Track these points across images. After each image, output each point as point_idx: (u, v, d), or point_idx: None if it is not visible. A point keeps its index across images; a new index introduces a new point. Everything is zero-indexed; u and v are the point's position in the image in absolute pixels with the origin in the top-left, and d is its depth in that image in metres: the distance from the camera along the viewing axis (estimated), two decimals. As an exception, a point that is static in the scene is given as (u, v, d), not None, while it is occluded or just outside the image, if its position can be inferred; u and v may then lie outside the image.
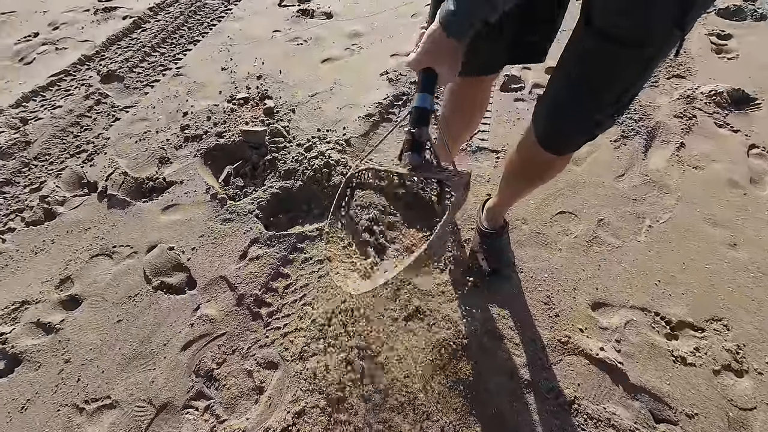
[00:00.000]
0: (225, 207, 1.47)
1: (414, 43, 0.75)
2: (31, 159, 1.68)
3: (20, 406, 1.10)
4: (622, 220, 1.41)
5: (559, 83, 0.81)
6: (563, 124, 0.84)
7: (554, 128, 0.86)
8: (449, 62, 0.73)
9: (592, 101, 0.77)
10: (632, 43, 0.67)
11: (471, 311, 1.20)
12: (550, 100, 0.84)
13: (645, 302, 1.21)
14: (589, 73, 0.74)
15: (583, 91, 0.76)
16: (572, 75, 0.78)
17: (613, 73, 0.72)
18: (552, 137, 0.87)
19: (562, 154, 0.89)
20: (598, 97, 0.76)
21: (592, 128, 0.82)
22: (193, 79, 2.02)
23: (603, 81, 0.74)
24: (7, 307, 1.27)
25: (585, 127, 0.82)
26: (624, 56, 0.69)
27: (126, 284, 1.31)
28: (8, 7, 2.62)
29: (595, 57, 0.72)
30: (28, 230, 1.46)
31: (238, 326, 1.20)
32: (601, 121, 0.81)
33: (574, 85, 0.78)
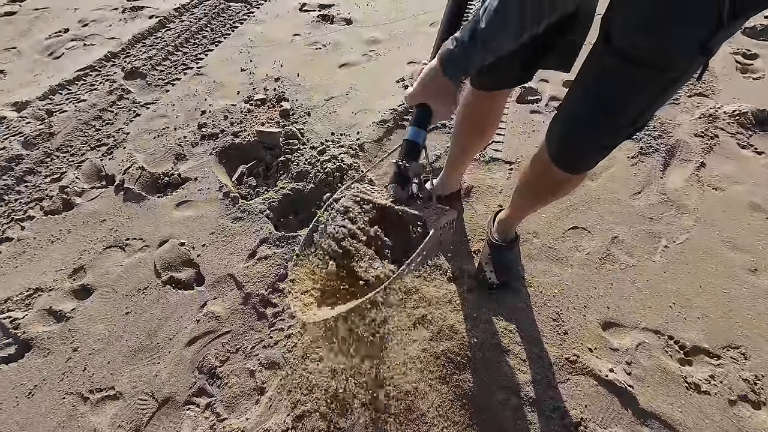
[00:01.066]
0: (237, 206, 1.49)
1: (415, 77, 0.76)
2: (54, 150, 1.73)
3: (28, 391, 1.11)
4: (636, 238, 1.38)
5: (575, 101, 0.80)
6: (578, 143, 0.82)
7: (568, 147, 0.84)
8: (445, 100, 0.74)
9: (608, 122, 0.75)
10: (652, 64, 0.64)
11: (477, 323, 1.18)
12: (566, 118, 0.82)
13: (658, 325, 1.18)
14: (605, 92, 0.72)
15: (599, 111, 0.74)
16: (589, 93, 0.76)
17: (631, 94, 0.70)
18: (566, 156, 0.85)
19: (576, 173, 0.88)
20: (615, 118, 0.74)
21: (607, 148, 0.80)
22: (212, 79, 2.06)
23: (620, 102, 0.72)
24: (21, 293, 1.30)
25: (600, 147, 0.80)
26: (642, 78, 0.67)
27: (136, 277, 1.33)
28: (42, 3, 2.72)
29: (612, 76, 0.70)
30: (47, 219, 1.50)
31: (243, 325, 1.21)
32: (617, 141, 0.79)
33: (590, 104, 0.76)
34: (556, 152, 0.86)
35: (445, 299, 1.24)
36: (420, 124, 0.76)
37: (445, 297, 1.24)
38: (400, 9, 2.53)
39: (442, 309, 1.21)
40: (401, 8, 2.53)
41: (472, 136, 1.17)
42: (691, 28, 0.58)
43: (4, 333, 1.21)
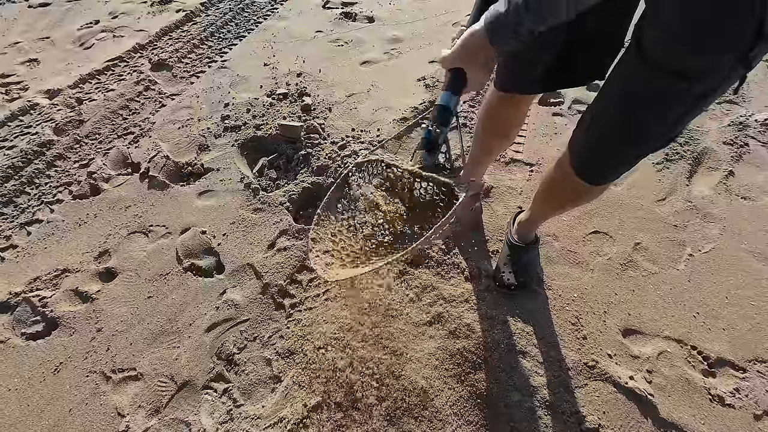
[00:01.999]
0: (257, 197, 1.51)
1: (452, 40, 0.72)
2: (83, 137, 1.79)
3: (54, 367, 1.15)
4: (660, 246, 1.35)
5: (601, 111, 0.76)
6: (601, 156, 0.79)
7: (591, 159, 0.81)
8: (482, 68, 0.69)
9: (636, 134, 0.71)
10: (686, 77, 0.60)
11: (494, 323, 1.17)
12: (590, 129, 0.78)
13: (681, 334, 1.15)
14: (635, 104, 0.68)
15: (627, 123, 0.71)
16: (616, 104, 0.72)
17: (662, 106, 0.66)
18: (588, 168, 0.83)
19: (598, 185, 0.85)
20: (644, 131, 0.70)
21: (632, 161, 0.77)
22: (236, 73, 2.10)
23: (650, 114, 0.68)
24: (50, 273, 1.35)
25: (625, 161, 0.77)
26: (676, 90, 0.63)
27: (159, 262, 1.36)
28: (74, -4, 2.81)
29: (643, 87, 0.66)
30: (75, 203, 1.55)
31: (261, 314, 1.22)
32: (644, 155, 0.75)
33: (617, 115, 0.72)
34: (578, 163, 0.83)
35: (462, 298, 1.23)
36: (454, 89, 0.72)
37: (462, 296, 1.24)
38: (423, 8, 2.52)
39: (458, 307, 1.21)
40: (423, 7, 2.53)
41: (494, 138, 1.17)
42: (730, 40, 0.54)
43: (33, 311, 1.25)
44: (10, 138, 1.79)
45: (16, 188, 1.59)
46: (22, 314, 1.25)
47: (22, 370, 1.15)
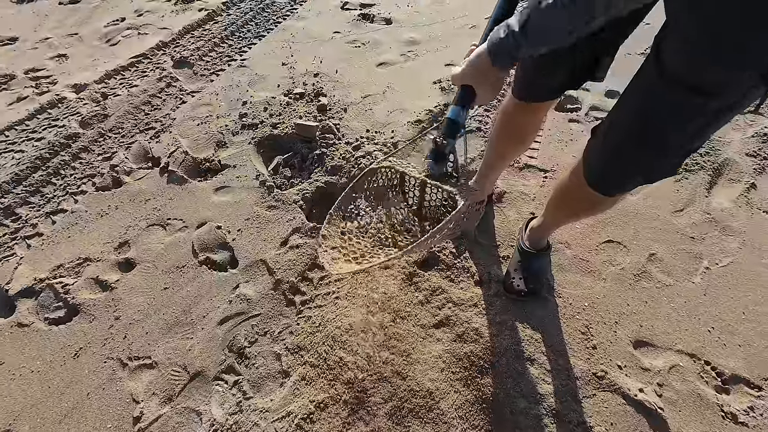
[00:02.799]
0: (272, 194, 1.54)
1: (463, 58, 0.76)
2: (107, 131, 1.85)
3: (74, 353, 1.20)
4: (675, 257, 1.32)
5: (618, 123, 0.75)
6: (616, 169, 0.78)
7: (605, 171, 0.81)
8: (490, 86, 0.73)
9: (653, 149, 0.70)
10: (707, 91, 0.59)
11: (502, 329, 1.17)
12: (606, 142, 0.77)
13: (694, 348, 1.13)
14: (653, 117, 0.67)
15: (643, 137, 0.70)
16: (634, 116, 0.71)
17: (682, 121, 0.64)
18: (602, 180, 0.82)
19: (612, 196, 0.84)
20: (662, 145, 0.69)
21: (648, 176, 0.76)
22: (255, 71, 2.14)
23: (669, 128, 0.66)
24: (72, 261, 1.40)
25: (640, 175, 0.76)
26: (696, 104, 0.61)
27: (175, 255, 1.40)
28: (102, -7, 2.90)
29: (662, 101, 0.65)
30: (98, 194, 1.60)
31: (272, 310, 1.25)
32: (660, 170, 0.74)
33: (634, 128, 0.71)
34: (591, 173, 0.83)
35: (471, 302, 1.23)
36: (463, 104, 0.76)
37: (471, 300, 1.24)
38: (440, 11, 2.53)
39: (467, 311, 1.21)
40: (441, 10, 2.53)
41: (510, 144, 1.16)
42: (751, 56, 0.52)
43: (56, 297, 1.30)
44: (38, 130, 1.86)
45: (43, 179, 1.66)
46: (46, 300, 1.31)
47: (44, 354, 1.20)
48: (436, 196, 0.91)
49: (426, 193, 0.93)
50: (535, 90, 0.98)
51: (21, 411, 1.11)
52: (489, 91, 0.74)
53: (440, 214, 0.92)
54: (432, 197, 0.92)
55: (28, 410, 1.11)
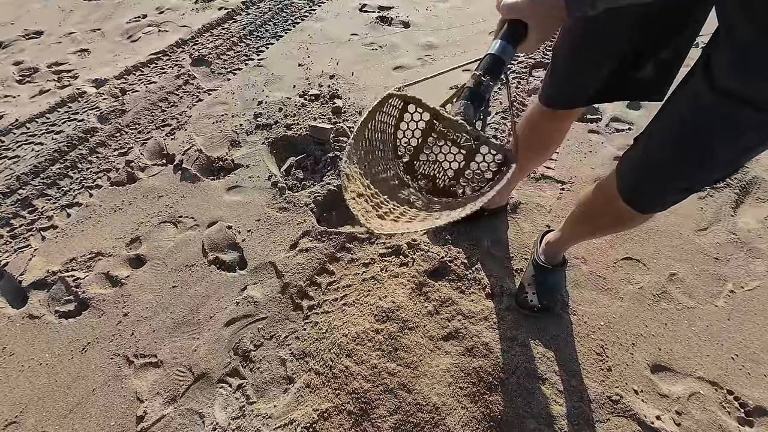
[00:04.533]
0: (283, 196, 1.53)
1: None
2: (124, 126, 1.87)
3: (82, 347, 1.20)
4: (698, 278, 1.27)
5: (658, 137, 0.70)
6: (655, 182, 0.74)
7: (643, 185, 0.76)
8: (548, 26, 0.61)
9: (697, 162, 0.66)
10: (757, 106, 0.55)
11: (513, 345, 1.14)
12: (646, 156, 0.73)
13: (716, 376, 1.08)
14: (698, 132, 0.63)
15: (687, 153, 0.65)
16: (677, 131, 0.66)
17: (729, 137, 0.61)
18: (639, 197, 0.77)
19: (646, 213, 0.80)
20: (706, 162, 0.65)
21: (689, 192, 0.72)
22: (271, 72, 2.14)
23: (715, 145, 0.62)
24: (84, 255, 1.41)
25: (681, 191, 0.72)
26: (747, 121, 0.57)
27: (185, 253, 1.40)
28: (126, -10, 2.95)
29: (709, 116, 0.61)
30: (112, 189, 1.62)
31: (279, 313, 1.23)
32: (702, 187, 0.71)
33: (677, 143, 0.66)
34: (627, 187, 0.78)
35: (481, 315, 1.20)
36: (511, 39, 0.62)
37: (482, 313, 1.21)
38: (459, 15, 2.50)
39: (477, 325, 1.18)
40: (460, 14, 2.50)
41: (532, 153, 1.13)
42: None
43: (67, 290, 1.32)
44: (58, 123, 1.89)
45: (61, 171, 1.68)
46: (57, 293, 1.32)
47: (53, 347, 1.21)
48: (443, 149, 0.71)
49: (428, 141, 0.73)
50: (568, 93, 0.93)
51: (28, 403, 1.12)
52: (543, 33, 0.62)
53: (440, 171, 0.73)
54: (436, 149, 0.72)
55: (35, 403, 1.12)
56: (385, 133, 0.75)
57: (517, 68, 2.03)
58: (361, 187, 0.66)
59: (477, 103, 0.63)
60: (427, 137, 0.73)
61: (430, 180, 0.76)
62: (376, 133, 0.73)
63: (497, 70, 0.62)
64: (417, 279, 1.27)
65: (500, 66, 0.62)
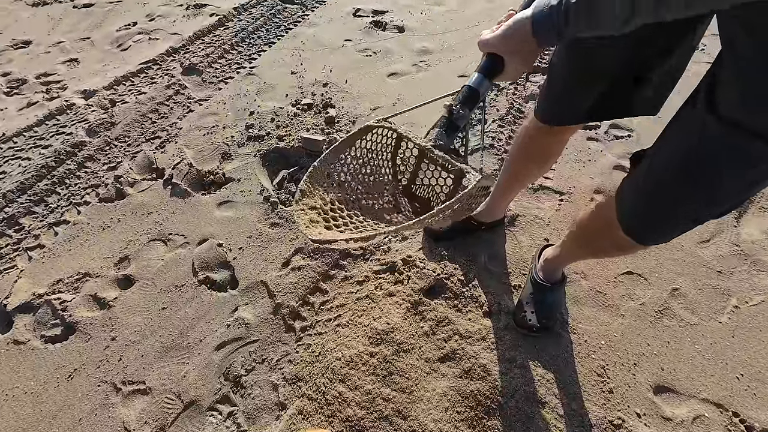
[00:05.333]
0: (275, 211, 1.49)
1: (498, 23, 0.65)
2: (113, 139, 1.83)
3: (68, 374, 1.17)
4: (701, 293, 1.24)
5: (664, 164, 0.65)
6: (658, 217, 0.69)
7: (645, 216, 0.72)
8: (522, 60, 0.64)
9: (703, 196, 0.62)
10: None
11: (512, 367, 1.10)
12: (647, 185, 0.69)
13: (721, 397, 1.04)
14: (704, 162, 0.58)
15: (693, 183, 0.61)
16: (680, 160, 0.62)
17: (738, 168, 0.56)
18: (641, 228, 0.73)
19: (647, 245, 0.75)
20: (713, 192, 0.61)
21: (694, 225, 0.67)
22: (263, 80, 2.10)
23: (722, 176, 0.58)
24: (72, 276, 1.38)
25: (685, 224, 0.67)
26: (759, 152, 0.53)
27: (175, 273, 1.36)
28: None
29: (716, 145, 0.56)
30: (101, 206, 1.58)
31: (271, 335, 1.20)
32: (706, 217, 0.65)
33: (683, 172, 0.62)
34: (627, 218, 0.73)
35: (479, 335, 1.17)
36: (487, 73, 0.66)
37: (480, 332, 1.17)
38: (455, 19, 2.46)
39: (474, 345, 1.15)
40: (455, 18, 2.46)
41: (530, 165, 1.10)
42: None
43: (54, 314, 1.28)
44: (46, 137, 1.86)
45: (48, 188, 1.65)
46: (43, 316, 1.29)
47: (39, 374, 1.18)
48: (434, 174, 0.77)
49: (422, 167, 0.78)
50: (561, 111, 0.90)
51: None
52: (519, 65, 0.64)
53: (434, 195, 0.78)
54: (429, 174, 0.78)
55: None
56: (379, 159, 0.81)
57: (514, 74, 2.00)
58: (316, 202, 0.72)
59: (450, 131, 0.68)
60: (420, 163, 0.79)
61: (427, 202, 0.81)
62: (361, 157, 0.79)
63: (472, 100, 0.67)
64: (412, 298, 1.23)
65: (475, 97, 0.67)
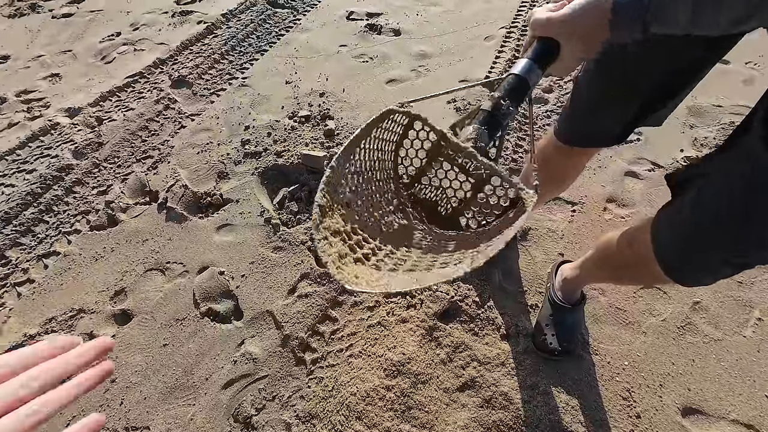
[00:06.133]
0: (278, 234, 1.43)
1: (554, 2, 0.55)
2: (102, 161, 1.74)
3: (66, 422, 1.10)
4: (722, 306, 1.20)
5: (704, 201, 0.59)
6: (705, 258, 0.62)
7: (691, 259, 0.64)
8: (587, 47, 0.52)
9: (757, 234, 0.55)
10: None
11: (534, 394, 1.06)
12: (689, 224, 0.61)
13: (751, 417, 1.01)
14: (756, 199, 0.53)
15: (747, 219, 0.55)
16: (727, 195, 0.55)
17: None
18: (683, 268, 0.66)
19: (690, 286, 0.68)
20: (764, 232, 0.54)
21: (743, 268, 0.60)
22: (257, 91, 2.02)
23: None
24: (65, 312, 1.30)
25: (734, 267, 0.60)
26: None
27: (175, 305, 1.30)
28: (97, 5, 2.79)
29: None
30: (92, 234, 1.50)
31: (281, 370, 1.14)
32: (759, 263, 0.58)
33: (729, 210, 0.55)
34: (666, 256, 0.66)
35: (498, 360, 1.12)
36: (538, 59, 0.53)
37: (498, 357, 1.13)
38: (452, 20, 2.39)
39: (494, 372, 1.10)
40: (453, 19, 2.39)
41: (548, 184, 1.04)
42: None
43: (47, 355, 1.21)
44: (30, 160, 1.76)
45: (35, 216, 1.56)
46: (37, 359, 1.21)
47: (35, 423, 1.11)
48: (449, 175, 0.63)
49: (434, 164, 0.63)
50: (583, 131, 0.85)
51: (10, 490, 1.02)
52: (581, 52, 0.53)
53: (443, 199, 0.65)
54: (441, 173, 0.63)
55: (18, 489, 1.02)
56: (382, 152, 0.63)
57: (516, 77, 1.94)
58: (338, 222, 0.52)
59: (492, 129, 0.53)
60: (432, 160, 0.64)
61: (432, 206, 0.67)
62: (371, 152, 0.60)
63: (520, 93, 0.53)
64: (426, 323, 1.18)
65: (524, 89, 0.53)
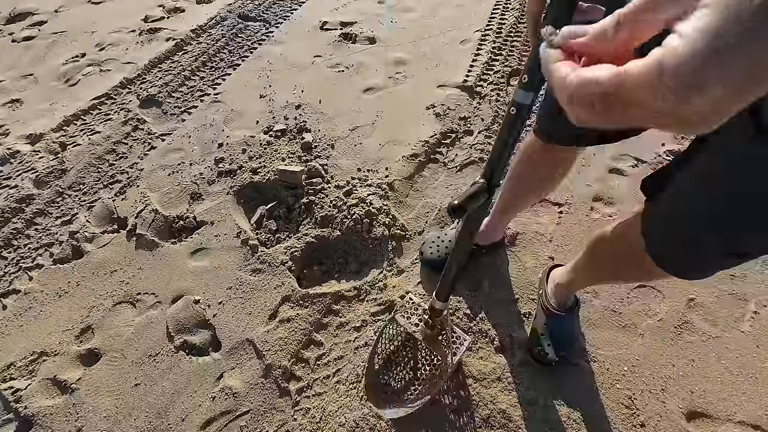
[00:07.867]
0: (256, 255, 1.35)
1: None
2: (66, 188, 1.64)
3: (26, 481, 1.00)
4: (718, 301, 1.18)
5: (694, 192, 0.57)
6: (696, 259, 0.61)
7: (677, 252, 0.63)
8: None
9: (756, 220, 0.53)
10: None
11: (534, 409, 1.01)
12: (680, 221, 0.60)
13: (757, 417, 0.98)
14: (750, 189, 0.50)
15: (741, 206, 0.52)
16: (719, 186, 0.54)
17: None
18: (673, 262, 0.64)
19: (688, 279, 0.67)
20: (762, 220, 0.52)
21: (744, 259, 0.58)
22: (230, 107, 1.95)
23: None
24: (25, 357, 1.20)
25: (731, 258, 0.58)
26: None
27: (147, 340, 1.20)
28: (60, 27, 2.69)
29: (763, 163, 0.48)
30: (55, 269, 1.40)
31: (264, 403, 1.06)
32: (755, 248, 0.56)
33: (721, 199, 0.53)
34: (658, 250, 0.65)
35: (494, 375, 1.07)
36: None
37: (494, 372, 1.07)
38: (427, 25, 2.37)
39: (490, 388, 1.05)
40: (428, 24, 2.38)
41: (536, 182, 1.00)
42: None
43: (5, 407, 1.10)
44: (-13, 192, 1.65)
45: (-7, 253, 1.45)
46: (-6, 411, 1.10)
47: (-9, 485, 1.00)
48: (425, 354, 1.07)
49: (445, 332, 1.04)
50: (562, 129, 0.81)
51: None
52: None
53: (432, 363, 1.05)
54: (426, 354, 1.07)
55: None
56: None
57: (494, 78, 1.92)
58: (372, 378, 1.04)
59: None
60: None
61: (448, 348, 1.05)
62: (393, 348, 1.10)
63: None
64: (417, 341, 1.12)
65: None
